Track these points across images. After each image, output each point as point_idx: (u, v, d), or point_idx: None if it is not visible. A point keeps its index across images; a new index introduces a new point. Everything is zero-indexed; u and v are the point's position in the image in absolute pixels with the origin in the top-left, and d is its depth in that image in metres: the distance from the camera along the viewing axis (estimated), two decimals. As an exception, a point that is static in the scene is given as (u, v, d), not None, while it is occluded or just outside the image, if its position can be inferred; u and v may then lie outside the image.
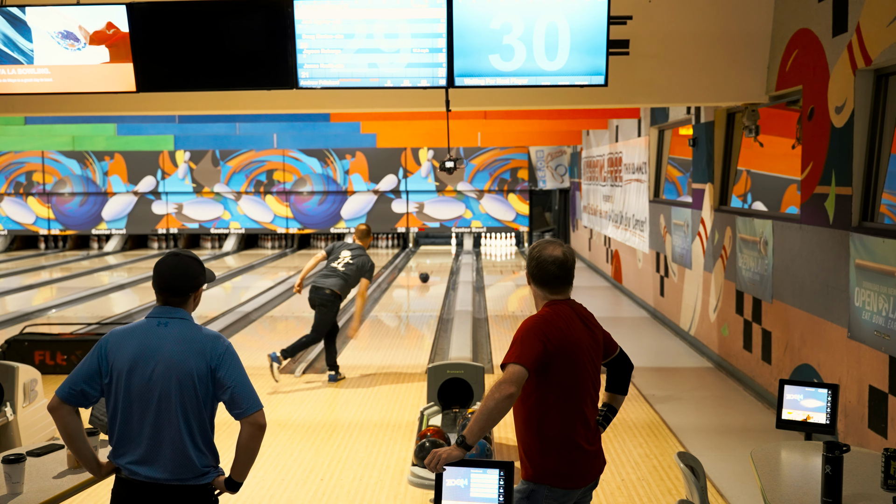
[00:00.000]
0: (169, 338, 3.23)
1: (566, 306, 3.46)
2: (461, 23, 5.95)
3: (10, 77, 6.37)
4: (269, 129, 17.14)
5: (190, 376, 3.20)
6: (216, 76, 6.25)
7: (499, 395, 3.14)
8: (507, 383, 3.16)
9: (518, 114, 13.35)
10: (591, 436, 3.42)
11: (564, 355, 3.31)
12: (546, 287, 3.48)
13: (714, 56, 7.55)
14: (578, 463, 3.35)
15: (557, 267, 3.46)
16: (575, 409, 3.35)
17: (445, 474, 3.09)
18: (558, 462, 3.32)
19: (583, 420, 3.38)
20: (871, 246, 5.59)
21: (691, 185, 10.27)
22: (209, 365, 3.23)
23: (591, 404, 3.44)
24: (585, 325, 3.47)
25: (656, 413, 7.45)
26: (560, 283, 3.47)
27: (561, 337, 3.32)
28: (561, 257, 3.47)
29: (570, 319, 3.41)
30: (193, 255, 3.41)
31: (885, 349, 5.41)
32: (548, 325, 3.33)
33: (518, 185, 22.85)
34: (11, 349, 8.89)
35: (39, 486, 3.67)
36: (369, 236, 9.00)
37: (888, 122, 5.81)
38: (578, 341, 3.38)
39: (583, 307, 3.57)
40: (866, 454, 3.91)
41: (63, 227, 23.45)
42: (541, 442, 3.34)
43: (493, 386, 3.19)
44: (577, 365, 3.36)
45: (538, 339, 3.27)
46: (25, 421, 5.81)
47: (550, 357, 3.28)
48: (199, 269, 3.37)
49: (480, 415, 3.15)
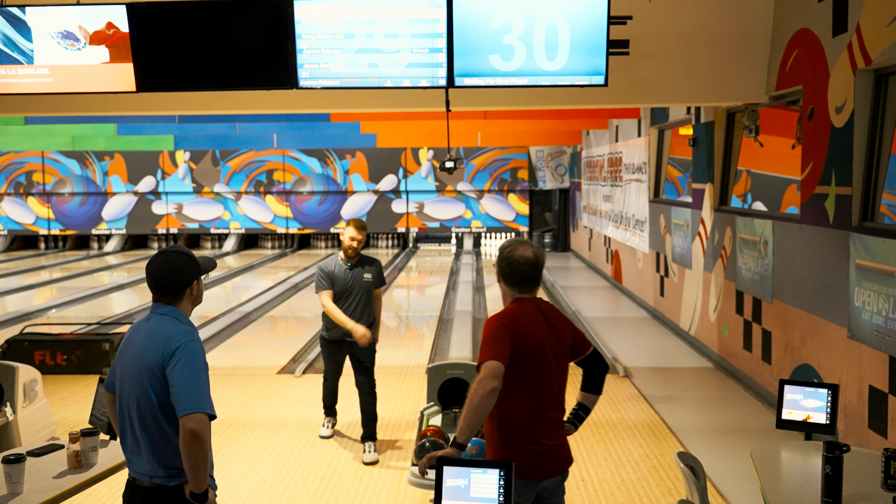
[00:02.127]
0: (143, 332, 3.23)
1: (531, 304, 3.55)
2: (461, 23, 5.95)
3: (10, 77, 6.37)
4: (269, 129, 17.14)
5: (149, 370, 3.13)
6: (216, 76, 6.25)
7: (482, 391, 3.24)
8: (488, 378, 3.26)
9: (518, 114, 13.35)
10: (553, 431, 3.50)
11: (528, 352, 3.41)
12: (516, 286, 3.57)
13: (714, 56, 7.55)
14: (538, 456, 3.43)
15: (529, 268, 3.54)
16: (537, 404, 3.44)
17: (445, 474, 3.09)
18: (518, 454, 3.40)
19: (544, 415, 3.46)
20: (871, 246, 5.59)
21: (691, 185, 10.27)
22: (162, 360, 3.11)
23: (554, 400, 3.52)
24: (549, 324, 3.54)
25: (656, 413, 7.45)
26: (530, 282, 3.56)
27: (525, 333, 3.42)
28: (532, 258, 3.54)
29: (535, 317, 3.50)
30: (182, 251, 3.32)
31: (885, 349, 5.41)
32: (512, 321, 3.43)
33: (518, 185, 22.84)
34: (11, 349, 8.89)
35: (39, 486, 3.67)
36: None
37: (888, 122, 5.81)
38: (542, 339, 3.47)
39: (549, 305, 3.64)
40: (866, 454, 3.91)
41: (63, 227, 23.45)
42: (501, 434, 3.44)
43: (474, 383, 3.28)
44: (539, 362, 3.45)
45: (506, 334, 3.37)
46: (25, 421, 5.81)
47: (515, 352, 3.38)
48: (187, 265, 3.28)
49: (467, 413, 3.24)
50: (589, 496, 5.57)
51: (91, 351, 8.94)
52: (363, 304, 6.48)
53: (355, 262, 6.46)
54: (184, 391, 3.04)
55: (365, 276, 6.49)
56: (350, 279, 6.43)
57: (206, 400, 3.08)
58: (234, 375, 8.90)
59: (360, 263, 6.49)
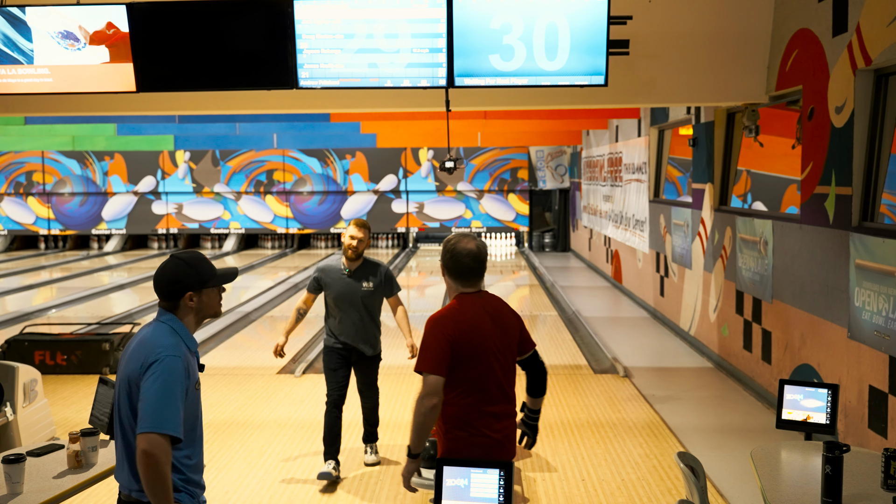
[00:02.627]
0: (137, 339, 3.15)
1: (475, 299, 3.66)
2: (461, 23, 5.95)
3: (10, 77, 6.37)
4: (269, 129, 17.14)
5: (127, 379, 3.04)
6: (216, 76, 6.25)
7: (424, 409, 3.46)
8: (429, 396, 3.47)
9: (518, 114, 13.35)
10: (496, 423, 3.59)
11: (466, 353, 3.52)
12: (459, 279, 3.67)
13: (714, 56, 7.55)
14: (482, 448, 3.54)
15: (472, 259, 3.65)
16: (477, 399, 3.55)
17: (445, 474, 3.10)
18: (462, 445, 3.54)
19: (484, 409, 3.56)
20: (871, 246, 5.59)
21: (691, 185, 10.27)
22: (140, 371, 2.99)
23: (498, 392, 3.61)
24: (493, 319, 3.63)
25: (656, 413, 7.45)
26: (473, 274, 3.67)
27: (464, 333, 3.53)
28: (475, 250, 3.66)
29: (477, 313, 3.60)
30: (185, 258, 3.16)
31: (885, 349, 5.41)
32: (450, 322, 3.55)
33: (518, 185, 22.85)
34: (11, 349, 8.89)
35: (39, 486, 3.67)
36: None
37: (888, 122, 5.81)
38: (482, 336, 3.56)
39: (495, 299, 3.74)
40: (866, 454, 3.91)
41: (63, 227, 23.45)
42: (444, 422, 3.58)
43: (417, 399, 3.49)
44: (479, 360, 3.55)
45: (444, 339, 3.50)
46: (25, 421, 5.81)
47: (454, 355, 3.51)
48: (183, 274, 3.11)
49: (414, 427, 3.50)
50: (589, 496, 5.57)
51: (91, 351, 8.94)
52: (363, 319, 5.85)
53: (356, 267, 5.86)
54: (147, 408, 2.90)
55: (364, 286, 5.82)
56: (346, 287, 5.82)
57: (168, 421, 2.90)
58: (234, 375, 8.90)
59: (361, 270, 5.86)
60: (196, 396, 3.15)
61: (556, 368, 9.20)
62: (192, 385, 3.09)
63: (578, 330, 11.40)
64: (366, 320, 5.89)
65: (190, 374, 3.08)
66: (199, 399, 3.18)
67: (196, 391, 3.14)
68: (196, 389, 3.14)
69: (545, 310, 13.32)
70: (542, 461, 6.23)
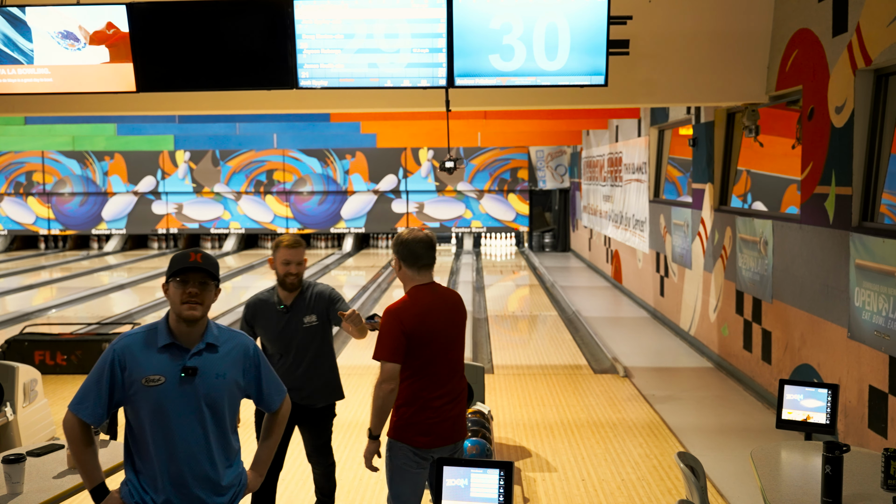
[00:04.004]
0: None
1: (428, 290, 3.89)
2: (461, 23, 5.95)
3: (10, 77, 6.37)
4: (269, 129, 17.15)
5: None
6: (216, 76, 6.25)
7: (382, 394, 3.76)
8: (385, 382, 3.75)
9: (518, 114, 13.35)
10: (446, 404, 3.85)
11: (418, 339, 3.77)
12: (413, 266, 3.88)
13: (714, 56, 7.55)
14: (435, 426, 3.81)
15: (422, 246, 3.88)
16: (432, 380, 3.82)
17: (445, 474, 3.10)
18: (414, 425, 3.80)
19: (435, 391, 3.82)
20: (871, 246, 5.59)
21: (691, 185, 10.27)
22: None
23: (451, 376, 3.88)
24: (445, 310, 3.88)
25: (656, 413, 7.45)
26: (425, 261, 3.89)
27: (416, 323, 3.77)
28: (426, 237, 3.91)
29: (429, 304, 3.84)
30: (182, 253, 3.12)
31: (885, 349, 5.41)
32: (405, 313, 3.79)
33: (518, 185, 22.84)
34: (11, 349, 8.89)
35: (39, 486, 3.67)
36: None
37: (888, 122, 5.81)
38: (433, 326, 3.81)
39: (449, 291, 3.99)
40: (866, 454, 3.91)
41: (63, 227, 23.45)
42: (396, 402, 3.83)
43: (375, 384, 3.78)
44: (431, 345, 3.80)
45: (397, 329, 3.75)
46: (25, 421, 5.81)
47: (407, 341, 3.76)
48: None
49: (374, 410, 3.79)
50: (589, 496, 5.57)
51: (91, 351, 8.94)
52: (311, 364, 4.60)
53: (294, 299, 4.60)
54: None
55: (306, 321, 4.58)
56: (284, 327, 4.58)
57: (76, 400, 3.01)
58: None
59: (300, 302, 4.60)
60: (154, 394, 2.97)
61: (556, 368, 9.21)
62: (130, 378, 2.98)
63: (578, 330, 11.40)
64: (314, 365, 4.64)
65: (128, 367, 2.98)
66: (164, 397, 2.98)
67: (152, 388, 2.98)
68: (150, 386, 2.98)
69: (545, 310, 13.32)
70: (542, 461, 6.24)
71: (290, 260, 4.57)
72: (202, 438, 3.04)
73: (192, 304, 3.01)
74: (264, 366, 3.25)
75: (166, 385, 2.99)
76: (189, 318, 3.01)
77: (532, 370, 9.11)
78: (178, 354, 3.03)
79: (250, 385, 3.20)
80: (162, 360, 3.01)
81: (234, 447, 3.16)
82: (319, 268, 19.20)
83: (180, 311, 3.01)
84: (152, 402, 2.98)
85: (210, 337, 3.09)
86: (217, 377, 3.06)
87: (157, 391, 2.98)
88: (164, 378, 2.99)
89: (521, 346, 10.76)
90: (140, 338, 3.05)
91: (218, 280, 3.11)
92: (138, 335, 3.06)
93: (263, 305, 4.62)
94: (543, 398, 7.96)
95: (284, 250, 4.56)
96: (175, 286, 3.02)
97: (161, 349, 3.02)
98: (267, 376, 3.26)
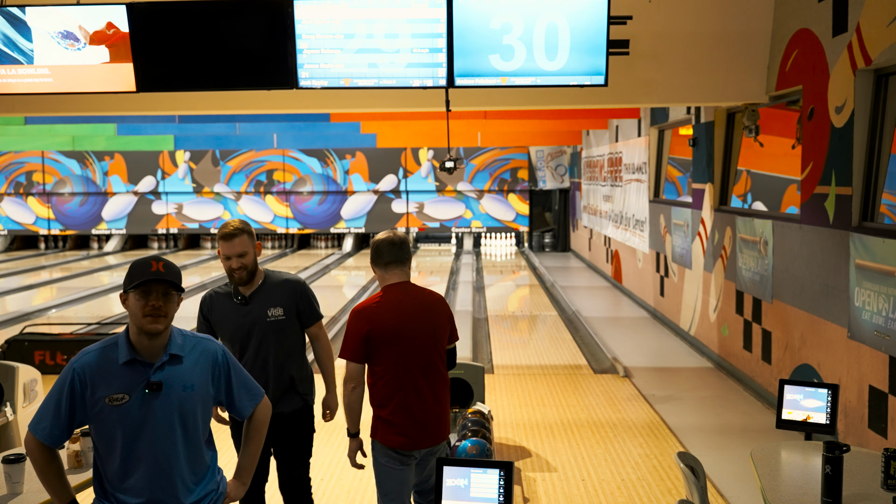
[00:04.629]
0: None
1: (398, 290, 3.89)
2: (461, 23, 5.95)
3: (10, 77, 6.37)
4: (269, 129, 17.15)
5: None
6: (216, 76, 6.25)
7: (346, 392, 3.85)
8: (349, 381, 3.83)
9: (518, 114, 13.35)
10: (427, 405, 3.85)
11: (383, 338, 3.79)
12: (378, 264, 3.93)
13: (714, 56, 7.55)
14: (410, 428, 3.82)
15: (390, 245, 3.90)
16: (405, 381, 3.82)
17: (445, 474, 3.10)
18: (391, 425, 3.82)
19: (415, 391, 3.83)
20: (871, 246, 5.59)
21: (691, 185, 10.27)
22: None
23: (427, 377, 3.85)
24: (417, 310, 3.87)
25: (656, 413, 7.45)
26: (387, 258, 3.90)
27: (380, 322, 3.79)
28: (395, 238, 3.95)
29: (399, 305, 3.84)
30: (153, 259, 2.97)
31: (885, 349, 5.41)
32: (369, 313, 3.82)
33: (518, 185, 22.85)
34: (11, 349, 8.89)
35: (39, 486, 3.66)
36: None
37: (888, 122, 5.81)
38: (403, 324, 3.81)
39: (424, 291, 3.97)
40: (866, 454, 3.91)
41: (63, 227, 23.45)
42: (372, 406, 3.89)
43: (343, 384, 3.86)
44: (402, 344, 3.80)
45: (361, 329, 3.79)
46: (25, 421, 5.81)
47: (373, 342, 3.79)
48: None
49: (345, 409, 3.88)
50: (589, 496, 5.57)
51: (91, 351, 8.93)
52: (275, 363, 4.11)
53: (255, 290, 4.09)
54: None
55: (270, 314, 4.09)
56: (242, 321, 4.08)
57: (35, 419, 2.90)
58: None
59: (263, 293, 4.09)
60: (118, 413, 2.86)
61: (556, 368, 9.21)
62: (93, 398, 2.86)
63: (578, 330, 11.40)
64: (279, 364, 4.14)
65: (89, 385, 2.86)
66: (129, 416, 2.87)
67: (116, 406, 2.86)
68: (114, 405, 2.85)
69: (545, 310, 13.32)
70: (542, 461, 6.24)
71: (229, 254, 4.02)
72: (172, 455, 2.91)
73: (154, 318, 2.85)
74: (235, 370, 3.10)
75: (131, 403, 2.85)
76: (152, 332, 2.86)
77: (532, 370, 9.11)
78: (141, 370, 2.88)
79: (220, 392, 3.06)
80: (124, 377, 2.87)
81: (205, 462, 3.02)
82: (319, 268, 19.20)
83: (142, 325, 2.85)
84: (117, 421, 2.85)
85: (174, 347, 2.93)
86: (185, 389, 2.91)
87: (122, 410, 2.85)
88: (128, 396, 2.86)
89: (521, 346, 10.76)
90: (100, 355, 2.90)
91: (181, 290, 2.93)
92: (97, 352, 2.90)
93: (220, 298, 4.15)
94: (543, 398, 7.96)
95: (221, 243, 4.03)
96: (136, 298, 2.85)
97: (123, 365, 2.88)
98: (238, 381, 3.10)
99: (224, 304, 4.14)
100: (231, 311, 4.12)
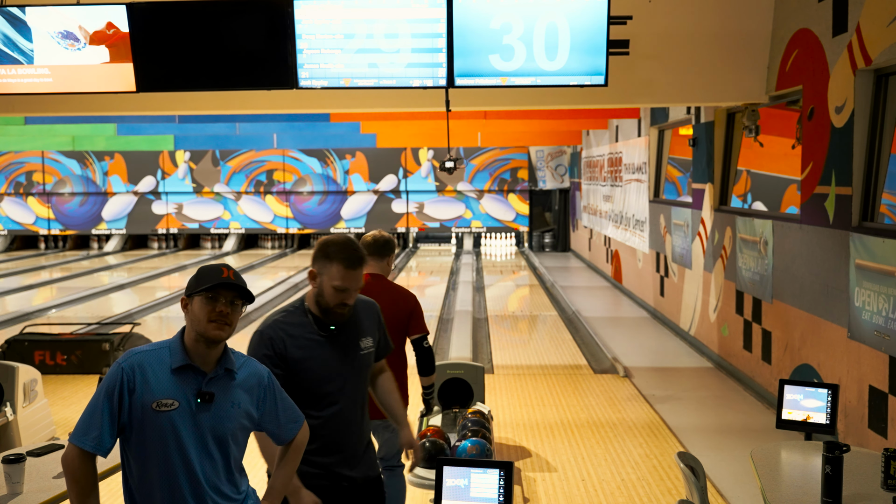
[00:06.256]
0: None
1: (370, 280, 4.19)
2: (461, 23, 5.95)
3: (10, 77, 6.37)
4: (269, 129, 17.15)
5: None
6: (216, 76, 6.25)
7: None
8: None
9: (518, 114, 13.35)
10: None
11: None
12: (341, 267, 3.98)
13: (714, 56, 7.55)
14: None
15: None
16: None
17: (445, 474, 3.09)
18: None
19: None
20: (871, 246, 5.59)
21: (691, 185, 10.27)
22: None
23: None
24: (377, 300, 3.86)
25: (656, 413, 7.45)
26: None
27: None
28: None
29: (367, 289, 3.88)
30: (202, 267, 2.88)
31: (885, 349, 5.41)
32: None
33: (518, 185, 22.85)
34: (11, 349, 8.89)
35: (39, 486, 3.67)
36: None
37: (888, 122, 5.81)
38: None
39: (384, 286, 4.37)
40: (866, 454, 3.91)
41: (63, 227, 23.45)
42: None
43: None
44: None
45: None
46: (25, 421, 5.81)
47: None
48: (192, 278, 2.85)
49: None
50: (589, 496, 5.57)
51: (91, 351, 8.94)
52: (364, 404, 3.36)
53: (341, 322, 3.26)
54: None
55: (363, 346, 3.32)
56: (335, 357, 3.24)
57: (80, 430, 2.68)
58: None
59: (351, 318, 3.28)
60: (163, 420, 2.68)
61: (556, 368, 9.21)
62: (141, 401, 2.68)
63: (578, 330, 11.40)
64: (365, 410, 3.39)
65: (137, 388, 2.68)
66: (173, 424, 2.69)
67: (163, 412, 2.68)
68: (161, 410, 2.68)
69: (545, 310, 13.33)
70: (542, 461, 6.24)
71: (347, 286, 3.18)
72: (209, 471, 2.75)
73: (220, 325, 2.70)
74: (279, 393, 2.93)
75: (179, 411, 2.69)
76: (214, 339, 2.71)
77: (532, 370, 9.11)
78: (193, 378, 2.73)
79: (265, 417, 2.88)
80: (174, 383, 2.71)
81: (238, 484, 2.86)
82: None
83: (206, 331, 2.70)
84: (160, 429, 2.68)
85: (228, 362, 2.79)
86: (232, 406, 2.77)
87: (168, 417, 2.68)
88: (178, 403, 2.69)
89: (521, 346, 10.76)
90: (149, 356, 2.74)
91: (250, 300, 2.79)
92: (146, 353, 2.75)
93: (294, 328, 3.23)
94: (543, 398, 7.96)
95: (338, 268, 3.17)
96: (203, 302, 2.71)
97: (174, 371, 2.72)
98: (283, 405, 2.93)
99: (303, 335, 3.23)
100: (317, 347, 3.23)
